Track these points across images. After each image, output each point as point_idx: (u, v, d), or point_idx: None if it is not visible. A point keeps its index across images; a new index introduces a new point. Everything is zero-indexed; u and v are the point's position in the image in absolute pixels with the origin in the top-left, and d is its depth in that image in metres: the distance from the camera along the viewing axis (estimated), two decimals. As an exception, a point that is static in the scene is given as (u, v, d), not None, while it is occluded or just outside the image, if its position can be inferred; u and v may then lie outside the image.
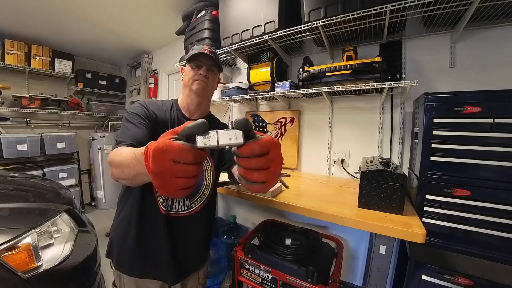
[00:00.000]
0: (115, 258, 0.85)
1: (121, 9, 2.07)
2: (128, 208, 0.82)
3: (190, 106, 0.88)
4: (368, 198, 0.96)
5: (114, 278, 0.88)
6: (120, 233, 0.83)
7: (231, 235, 1.82)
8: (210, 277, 1.59)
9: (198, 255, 0.93)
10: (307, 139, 1.81)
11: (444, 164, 0.93)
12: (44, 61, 2.80)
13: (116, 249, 0.84)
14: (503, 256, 0.85)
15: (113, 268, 0.87)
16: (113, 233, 0.87)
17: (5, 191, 1.24)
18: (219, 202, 2.44)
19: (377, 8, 1.07)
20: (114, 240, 0.86)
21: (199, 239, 0.91)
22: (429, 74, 1.33)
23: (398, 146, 1.44)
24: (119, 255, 0.84)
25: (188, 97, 0.87)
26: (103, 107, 3.47)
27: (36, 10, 2.07)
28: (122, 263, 0.83)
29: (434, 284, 0.91)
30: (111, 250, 0.87)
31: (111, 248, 0.87)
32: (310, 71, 1.42)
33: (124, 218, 0.83)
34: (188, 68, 0.85)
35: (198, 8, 1.91)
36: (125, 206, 0.83)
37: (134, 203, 0.80)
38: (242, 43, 1.58)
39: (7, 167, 2.55)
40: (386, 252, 0.92)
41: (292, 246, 1.31)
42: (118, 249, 0.84)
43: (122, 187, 0.87)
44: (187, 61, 0.85)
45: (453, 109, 0.90)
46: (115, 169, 0.61)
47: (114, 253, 0.85)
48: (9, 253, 0.88)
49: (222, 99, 1.91)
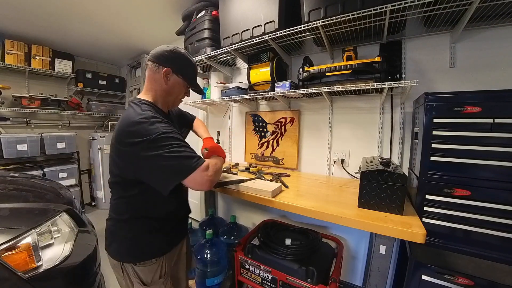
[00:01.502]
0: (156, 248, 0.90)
1: (121, 9, 2.07)
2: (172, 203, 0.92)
3: (169, 107, 1.01)
4: (368, 198, 0.96)
5: (144, 276, 0.88)
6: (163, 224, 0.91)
7: (231, 235, 1.82)
8: (210, 277, 1.59)
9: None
10: (307, 139, 1.81)
11: (444, 164, 0.93)
12: (44, 61, 2.80)
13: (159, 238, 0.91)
14: (503, 256, 0.85)
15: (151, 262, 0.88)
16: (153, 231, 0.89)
17: (5, 191, 1.24)
18: (219, 202, 2.44)
19: (377, 8, 1.07)
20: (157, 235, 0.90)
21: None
22: (429, 74, 1.33)
23: (398, 146, 1.44)
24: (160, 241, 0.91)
25: (171, 103, 0.98)
26: (103, 107, 3.47)
27: (36, 10, 2.07)
28: (159, 247, 0.91)
29: (434, 284, 0.91)
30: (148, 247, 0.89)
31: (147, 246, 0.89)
32: (310, 71, 1.42)
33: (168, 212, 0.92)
34: (184, 90, 0.97)
35: (198, 8, 1.91)
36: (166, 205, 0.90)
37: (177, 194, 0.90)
38: (242, 43, 1.58)
39: (7, 167, 2.55)
40: (386, 252, 0.92)
41: (292, 246, 1.31)
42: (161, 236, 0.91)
43: (131, 197, 0.86)
44: (191, 86, 0.98)
45: (453, 109, 0.91)
46: (219, 172, 0.89)
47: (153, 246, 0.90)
48: (9, 253, 0.88)
49: (222, 99, 1.91)
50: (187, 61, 0.93)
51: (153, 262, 0.88)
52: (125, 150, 0.77)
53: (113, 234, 0.90)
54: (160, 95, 0.92)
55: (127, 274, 0.88)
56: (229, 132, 2.29)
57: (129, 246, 0.87)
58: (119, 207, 0.88)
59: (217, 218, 2.11)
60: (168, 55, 0.88)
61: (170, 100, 0.96)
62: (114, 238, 0.90)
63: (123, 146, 0.77)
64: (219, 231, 1.88)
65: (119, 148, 0.79)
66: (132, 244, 0.87)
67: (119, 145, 0.79)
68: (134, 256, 0.87)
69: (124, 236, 0.87)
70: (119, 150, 0.79)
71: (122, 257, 0.88)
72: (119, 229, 0.89)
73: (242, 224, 1.98)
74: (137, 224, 0.87)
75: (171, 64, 0.88)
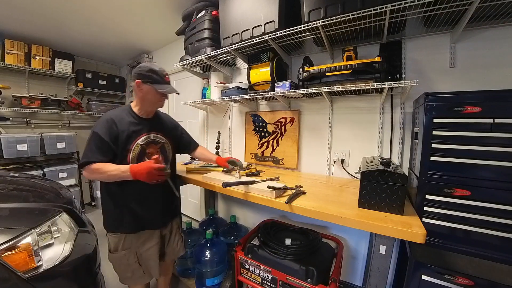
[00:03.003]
0: (113, 224, 1.19)
1: (121, 9, 2.07)
2: (129, 188, 1.15)
3: (151, 110, 1.25)
4: (368, 198, 0.96)
5: (112, 243, 1.19)
6: (117, 203, 1.17)
7: (231, 235, 1.82)
8: (210, 277, 1.59)
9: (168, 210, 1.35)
10: (307, 139, 1.81)
11: (444, 164, 0.93)
12: (44, 61, 2.80)
13: (115, 216, 1.18)
14: (503, 256, 0.85)
15: (117, 234, 1.18)
16: (109, 206, 1.19)
17: (5, 191, 1.24)
18: (219, 202, 2.44)
19: (377, 8, 1.07)
20: (112, 211, 1.18)
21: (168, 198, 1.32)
22: (429, 74, 1.33)
23: (398, 146, 1.44)
24: (119, 220, 1.17)
25: (151, 106, 1.23)
26: (103, 107, 3.47)
27: (36, 10, 2.07)
28: (126, 226, 1.18)
29: (434, 284, 0.91)
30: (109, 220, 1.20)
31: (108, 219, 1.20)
32: (310, 71, 1.42)
33: (128, 194, 1.17)
34: (157, 94, 1.17)
35: (198, 8, 1.91)
36: (124, 188, 1.15)
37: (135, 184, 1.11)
38: (242, 43, 1.58)
39: (7, 167, 2.55)
40: (386, 252, 0.92)
41: (292, 246, 1.31)
42: (117, 216, 1.17)
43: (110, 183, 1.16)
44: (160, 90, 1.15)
45: (453, 109, 0.90)
46: (96, 175, 1.09)
47: (111, 221, 1.19)
48: (9, 253, 0.88)
49: (222, 99, 1.92)
50: (151, 70, 1.13)
51: (117, 234, 1.18)
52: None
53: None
54: (139, 102, 1.20)
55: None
56: (229, 132, 2.29)
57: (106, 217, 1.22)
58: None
59: (217, 218, 2.11)
60: (137, 70, 1.14)
61: (148, 105, 1.20)
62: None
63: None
64: (219, 231, 1.88)
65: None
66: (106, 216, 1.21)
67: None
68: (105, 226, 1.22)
69: (103, 207, 1.22)
70: None
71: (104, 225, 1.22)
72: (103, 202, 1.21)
73: (242, 224, 1.98)
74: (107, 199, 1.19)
75: (139, 77, 1.13)
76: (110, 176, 1.08)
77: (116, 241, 1.18)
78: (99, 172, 1.07)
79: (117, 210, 1.17)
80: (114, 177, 1.08)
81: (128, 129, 1.14)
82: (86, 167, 1.08)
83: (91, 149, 1.09)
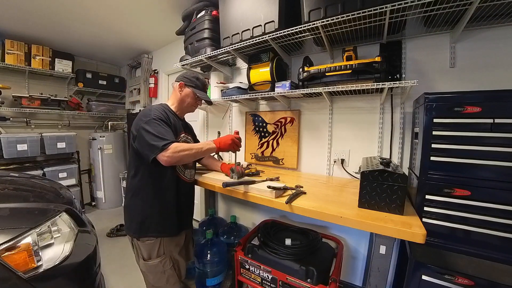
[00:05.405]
0: (156, 228, 1.10)
1: (121, 9, 2.07)
2: (158, 187, 1.11)
3: (184, 112, 1.32)
4: (368, 198, 0.96)
5: (145, 251, 1.10)
6: (158, 207, 1.11)
7: (231, 235, 1.82)
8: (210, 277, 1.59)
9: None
10: (307, 139, 1.81)
11: (444, 164, 0.93)
12: (44, 61, 2.80)
13: (157, 220, 1.11)
14: (503, 256, 0.85)
15: (151, 239, 1.10)
16: (148, 210, 1.10)
17: (5, 191, 1.24)
18: (219, 202, 2.44)
19: (377, 8, 1.07)
20: (152, 214, 1.11)
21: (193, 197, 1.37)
22: (429, 74, 1.33)
23: (398, 146, 1.44)
24: (161, 223, 1.11)
25: (185, 108, 1.29)
26: (103, 107, 3.48)
27: (36, 10, 2.07)
28: (164, 229, 1.12)
29: (434, 284, 0.91)
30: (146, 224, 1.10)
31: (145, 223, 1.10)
32: (310, 71, 1.42)
33: (156, 195, 1.11)
34: (194, 98, 1.27)
35: (198, 8, 1.91)
36: (154, 187, 1.11)
37: (168, 183, 1.13)
38: (242, 43, 1.58)
39: (7, 167, 2.55)
40: (386, 252, 0.92)
41: (292, 246, 1.31)
42: (159, 219, 1.11)
43: (136, 180, 1.12)
44: (199, 95, 1.25)
45: (453, 109, 0.91)
46: (183, 153, 0.99)
47: (153, 225, 1.10)
48: (9, 253, 0.88)
49: (222, 99, 1.91)
50: (195, 77, 1.26)
51: (152, 240, 1.10)
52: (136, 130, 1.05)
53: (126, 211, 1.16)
54: (177, 102, 1.25)
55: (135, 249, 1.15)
56: (229, 132, 2.29)
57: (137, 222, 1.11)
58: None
59: (217, 218, 2.11)
60: (183, 74, 1.26)
61: (185, 106, 1.27)
62: (126, 214, 1.16)
63: (136, 130, 1.05)
64: (219, 231, 1.88)
65: (133, 134, 1.06)
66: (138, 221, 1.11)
67: (134, 131, 1.06)
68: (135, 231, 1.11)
69: (132, 212, 1.13)
70: (133, 135, 1.06)
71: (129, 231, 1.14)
72: (130, 206, 1.14)
73: (242, 224, 1.98)
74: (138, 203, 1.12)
75: (184, 80, 1.24)
76: (198, 151, 1.06)
77: (149, 247, 1.10)
78: (184, 150, 1.00)
79: (158, 213, 1.11)
80: (201, 152, 1.08)
81: (174, 122, 1.17)
82: (169, 147, 0.97)
83: (160, 131, 1.00)
